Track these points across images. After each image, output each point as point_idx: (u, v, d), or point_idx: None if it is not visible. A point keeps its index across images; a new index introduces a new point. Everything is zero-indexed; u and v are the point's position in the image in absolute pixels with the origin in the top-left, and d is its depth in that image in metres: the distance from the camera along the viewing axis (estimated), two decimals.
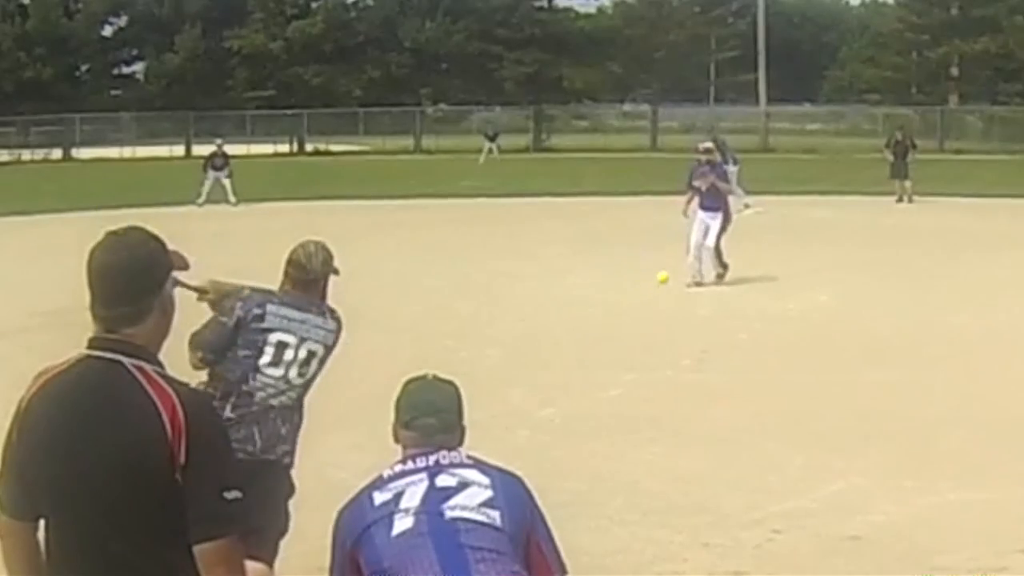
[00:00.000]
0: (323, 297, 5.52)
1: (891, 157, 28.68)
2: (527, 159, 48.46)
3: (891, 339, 12.40)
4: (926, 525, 6.98)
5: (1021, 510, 7.14)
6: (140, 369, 2.91)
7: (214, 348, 5.32)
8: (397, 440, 3.46)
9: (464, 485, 3.28)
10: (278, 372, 5.33)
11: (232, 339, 5.32)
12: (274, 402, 5.34)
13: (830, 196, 29.46)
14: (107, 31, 67.94)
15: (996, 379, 10.54)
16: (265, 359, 5.30)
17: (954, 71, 59.99)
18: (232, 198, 29.22)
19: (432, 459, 3.34)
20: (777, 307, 14.49)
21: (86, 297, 2.98)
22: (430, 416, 3.41)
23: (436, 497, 3.24)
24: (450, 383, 3.51)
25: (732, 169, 24.80)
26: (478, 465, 3.35)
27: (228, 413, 5.18)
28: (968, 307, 14.22)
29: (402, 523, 3.21)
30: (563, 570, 3.37)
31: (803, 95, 73.16)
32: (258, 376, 5.30)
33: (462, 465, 3.34)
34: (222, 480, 2.89)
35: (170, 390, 2.89)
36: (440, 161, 48.21)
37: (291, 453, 5.46)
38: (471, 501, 3.24)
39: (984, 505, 7.27)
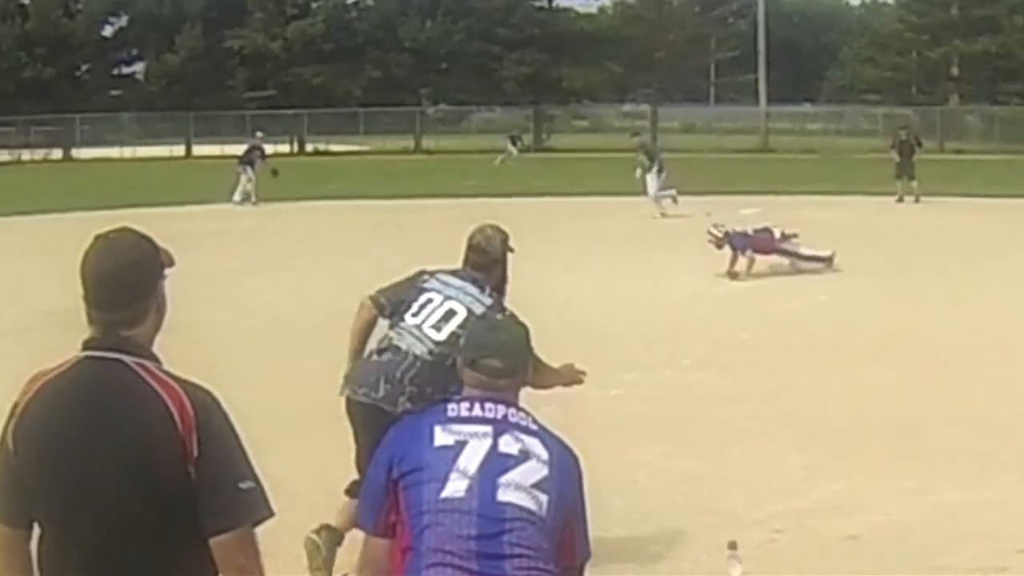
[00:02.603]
0: (503, 277, 5.85)
1: (897, 157, 28.73)
2: (527, 159, 48.42)
3: (891, 339, 12.39)
4: (926, 525, 6.97)
5: (1021, 510, 7.14)
6: (142, 366, 2.92)
7: (391, 297, 5.83)
8: (460, 376, 3.43)
9: (524, 456, 3.20)
10: (415, 320, 5.66)
11: (407, 297, 5.76)
12: (403, 345, 5.62)
13: (830, 196, 29.45)
14: (107, 31, 67.94)
15: (996, 379, 10.53)
16: (410, 312, 5.70)
17: (954, 71, 60.00)
18: (237, 196, 29.15)
19: (501, 412, 3.27)
20: (777, 307, 14.48)
21: None
22: (496, 358, 3.34)
23: (495, 466, 3.17)
24: (520, 324, 3.50)
25: (652, 177, 25.15)
26: (541, 435, 3.29)
27: (372, 357, 5.68)
28: (968, 307, 14.21)
29: (454, 486, 3.15)
30: (586, 556, 3.34)
31: (803, 95, 73.24)
32: (400, 324, 5.71)
33: (527, 431, 3.27)
34: (235, 470, 2.89)
35: (176, 385, 2.90)
36: (440, 161, 48.20)
37: (410, 410, 5.42)
38: (526, 479, 3.18)
39: (984, 505, 7.27)
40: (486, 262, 5.80)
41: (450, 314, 5.61)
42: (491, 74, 64.03)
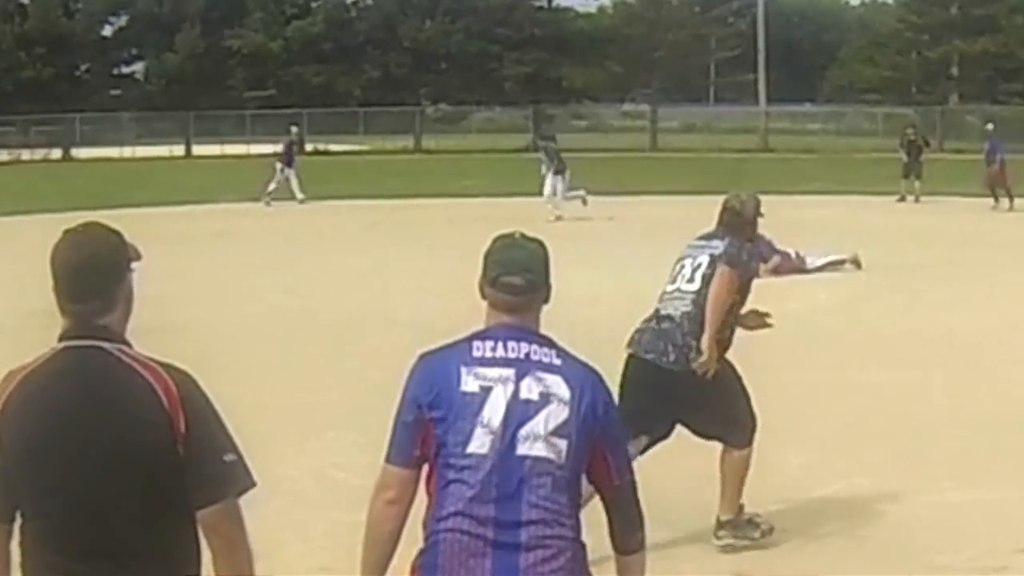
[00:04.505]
0: (752, 237, 6.73)
1: (905, 157, 28.78)
2: (527, 159, 48.41)
3: (891, 339, 12.39)
4: (926, 525, 6.97)
5: (1021, 510, 7.15)
6: (122, 351, 3.00)
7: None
8: (484, 296, 3.50)
9: (545, 400, 3.31)
10: (672, 287, 6.55)
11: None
12: (671, 311, 6.47)
13: (830, 196, 29.44)
14: (107, 31, 68.05)
15: (996, 379, 10.53)
16: (668, 282, 6.58)
17: (954, 71, 60.02)
18: (299, 195, 29.15)
19: (524, 350, 3.37)
20: (777, 306, 14.36)
21: None
22: (516, 275, 3.44)
23: (516, 416, 3.28)
24: (537, 241, 3.57)
25: (556, 180, 24.97)
26: (563, 369, 3.38)
27: (650, 324, 6.50)
28: (968, 307, 14.21)
29: (479, 442, 3.27)
30: (624, 474, 3.44)
31: (803, 95, 73.14)
32: (664, 296, 6.57)
33: (549, 368, 3.36)
34: (220, 444, 3.00)
35: (157, 366, 3.00)
36: (440, 161, 48.19)
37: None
38: (545, 427, 3.29)
39: (984, 505, 7.27)
40: (738, 223, 6.63)
41: (697, 265, 6.48)
42: (491, 74, 64.03)
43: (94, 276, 3.02)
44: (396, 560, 3.42)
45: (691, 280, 6.46)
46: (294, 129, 31.83)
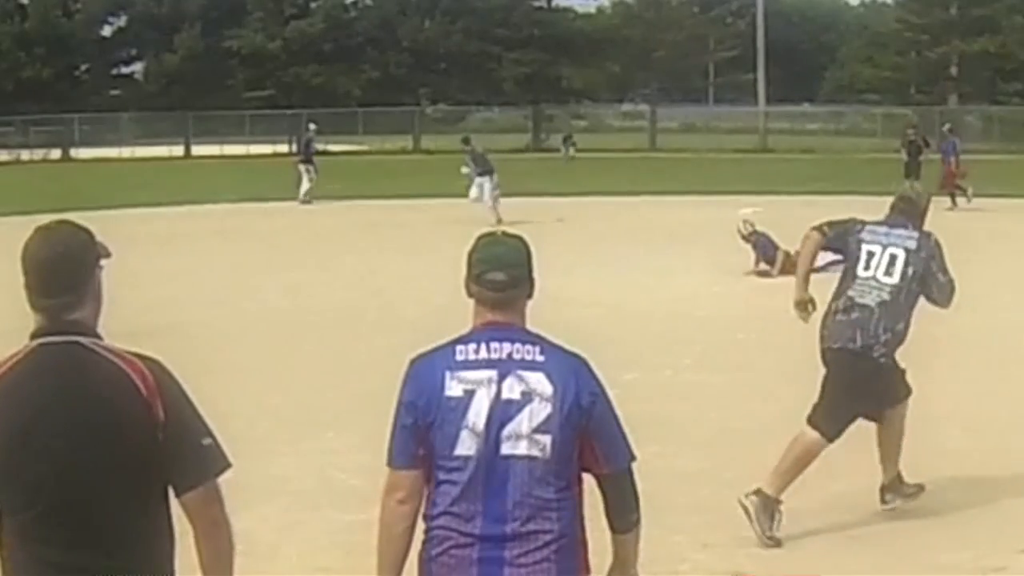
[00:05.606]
0: (922, 223, 6.91)
1: (906, 156, 28.82)
2: (526, 159, 48.40)
3: None
4: (926, 525, 6.98)
5: (1021, 510, 7.15)
6: (98, 344, 3.06)
7: (832, 234, 6.88)
8: (470, 294, 3.56)
9: (527, 399, 3.39)
10: (868, 274, 6.68)
11: (846, 245, 6.80)
12: (866, 300, 6.64)
13: (829, 196, 29.42)
14: (106, 31, 68.02)
15: (997, 379, 10.53)
16: (860, 266, 6.71)
17: (953, 71, 60.02)
18: (303, 195, 29.24)
19: (506, 350, 3.44)
20: (778, 306, 14.38)
21: None
22: (499, 270, 3.50)
23: (499, 417, 3.37)
24: (519, 238, 3.63)
25: (482, 181, 24.64)
26: (546, 366, 3.44)
27: (838, 317, 6.73)
28: (968, 307, 14.14)
29: (465, 445, 3.37)
30: (614, 461, 3.54)
31: (802, 95, 73.22)
32: (855, 280, 6.70)
33: (532, 366, 3.43)
34: (197, 430, 3.07)
35: (132, 357, 3.05)
36: (439, 161, 48.16)
37: (885, 353, 6.71)
38: (528, 425, 3.37)
39: (984, 505, 7.27)
40: (913, 211, 6.91)
41: (893, 259, 6.66)
42: (490, 74, 64.05)
43: (65, 271, 3.08)
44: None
45: (888, 273, 6.65)
46: (312, 127, 32.00)
